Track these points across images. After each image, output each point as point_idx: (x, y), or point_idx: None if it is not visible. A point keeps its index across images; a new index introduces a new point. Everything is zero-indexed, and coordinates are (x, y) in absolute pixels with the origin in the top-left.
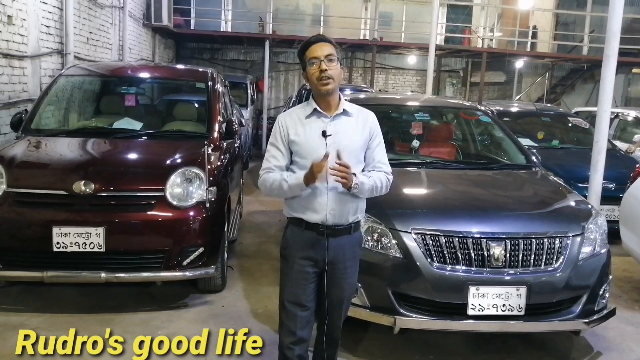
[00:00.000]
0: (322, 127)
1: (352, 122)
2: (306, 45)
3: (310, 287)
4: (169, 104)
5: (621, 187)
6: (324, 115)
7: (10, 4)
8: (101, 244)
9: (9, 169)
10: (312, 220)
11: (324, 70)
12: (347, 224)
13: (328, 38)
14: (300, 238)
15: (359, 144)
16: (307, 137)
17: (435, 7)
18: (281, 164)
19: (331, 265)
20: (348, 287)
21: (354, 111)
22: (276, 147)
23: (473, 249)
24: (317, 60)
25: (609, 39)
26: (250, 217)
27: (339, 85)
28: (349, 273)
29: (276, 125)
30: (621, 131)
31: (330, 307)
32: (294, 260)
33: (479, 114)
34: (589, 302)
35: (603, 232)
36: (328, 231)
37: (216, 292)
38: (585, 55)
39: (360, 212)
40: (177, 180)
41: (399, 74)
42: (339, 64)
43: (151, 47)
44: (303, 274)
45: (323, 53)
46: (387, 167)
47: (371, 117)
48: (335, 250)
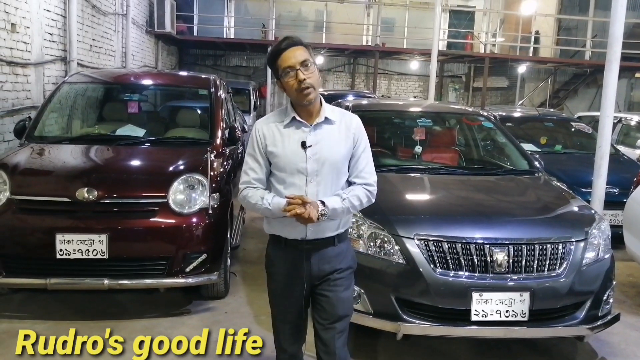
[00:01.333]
0: (302, 137)
1: (334, 130)
2: (276, 53)
3: (297, 306)
4: (171, 110)
5: (625, 192)
6: (303, 124)
7: (14, 12)
8: (104, 251)
9: (12, 177)
10: (291, 236)
11: (302, 80)
12: (330, 236)
13: (298, 40)
14: (280, 255)
15: (342, 154)
16: (286, 148)
17: (437, 13)
18: (260, 176)
19: (317, 280)
20: (341, 302)
21: (337, 117)
22: (254, 158)
23: (476, 254)
24: (292, 69)
25: (612, 43)
26: (253, 223)
27: (319, 89)
28: (340, 287)
29: (253, 134)
30: (624, 136)
31: (322, 328)
32: (278, 279)
33: (481, 120)
34: (593, 307)
35: (607, 237)
36: (308, 246)
37: (219, 298)
38: (588, 60)
39: (344, 226)
40: (180, 186)
41: (401, 80)
42: (315, 68)
43: (154, 53)
44: (287, 291)
45: (297, 60)
46: (371, 176)
47: (355, 122)
48: (319, 264)
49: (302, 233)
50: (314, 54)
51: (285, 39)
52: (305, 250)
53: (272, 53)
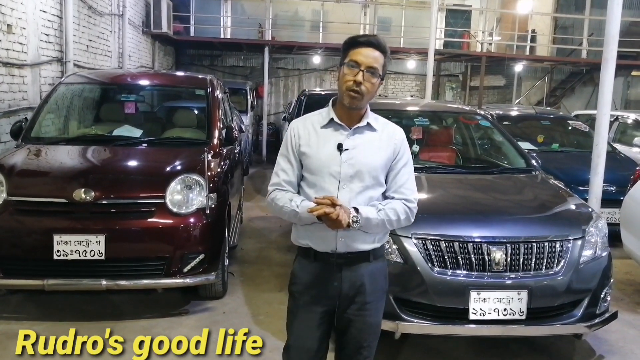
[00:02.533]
0: (340, 139)
1: (375, 137)
2: (356, 42)
3: (320, 332)
4: (168, 111)
5: (622, 190)
6: (342, 127)
7: (10, 13)
8: (102, 252)
9: (9, 178)
10: (320, 249)
11: (358, 83)
12: (363, 251)
13: (382, 44)
14: (308, 270)
15: (379, 164)
16: (320, 149)
17: (434, 12)
18: (291, 179)
19: (346, 300)
20: (368, 328)
21: (380, 126)
22: (286, 158)
23: (474, 253)
24: (356, 66)
25: (608, 42)
26: (250, 223)
27: (369, 100)
28: (369, 310)
29: (288, 133)
30: (621, 134)
31: (348, 354)
32: (301, 298)
33: (478, 118)
34: (590, 305)
35: (604, 235)
36: (340, 260)
37: (217, 298)
38: (585, 58)
39: (380, 241)
40: (177, 187)
41: (398, 79)
42: (379, 80)
43: (151, 54)
44: (312, 314)
45: (367, 62)
46: (412, 194)
47: (399, 134)
48: (350, 282)
49: (333, 245)
50: (386, 63)
51: (373, 36)
52: (336, 265)
53: (352, 39)
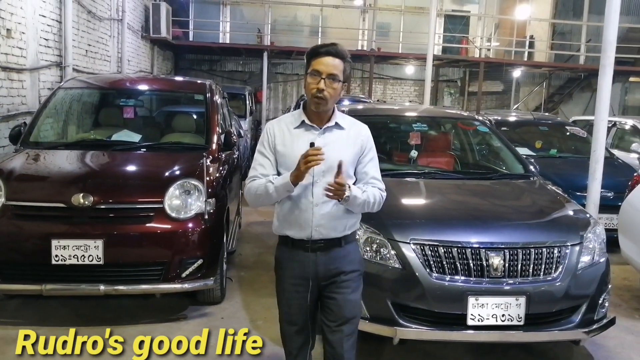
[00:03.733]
0: (311, 138)
1: (343, 135)
2: (316, 52)
3: (303, 307)
4: (167, 115)
5: (619, 196)
6: (313, 127)
7: (9, 18)
8: (100, 257)
9: (7, 182)
10: (297, 236)
11: (320, 89)
12: (336, 237)
13: (341, 52)
14: (287, 256)
15: (348, 158)
16: (294, 148)
17: (432, 18)
18: (268, 172)
19: (324, 280)
20: (348, 305)
21: (347, 124)
22: (263, 155)
23: (472, 259)
24: (318, 75)
25: (606, 48)
26: (249, 228)
27: (334, 102)
28: (348, 287)
29: (264, 132)
30: (619, 140)
31: (330, 330)
32: (285, 280)
33: (476, 124)
34: (588, 311)
35: (602, 241)
36: (314, 246)
37: (215, 303)
38: (582, 64)
39: (350, 228)
40: (176, 192)
41: (396, 84)
42: (340, 84)
43: (150, 59)
44: (295, 293)
45: (327, 70)
46: (381, 184)
47: (364, 131)
48: (326, 266)
49: (308, 233)
50: (347, 67)
51: (331, 44)
52: (311, 251)
53: (313, 49)
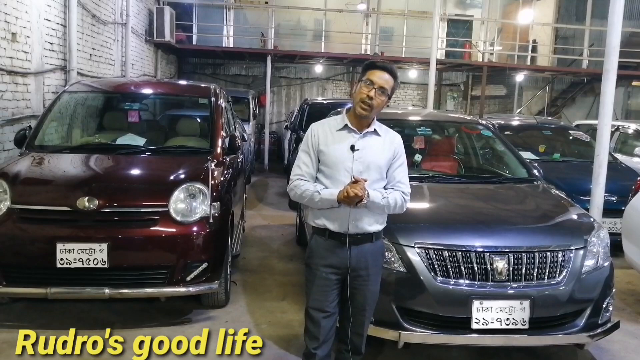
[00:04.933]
0: (352, 141)
1: (379, 141)
2: (375, 65)
3: (332, 294)
4: (171, 119)
5: (623, 200)
6: (354, 131)
7: (14, 22)
8: (105, 260)
9: (13, 186)
10: (334, 229)
11: (370, 98)
12: (368, 232)
13: (394, 71)
14: (323, 247)
15: (383, 162)
16: (336, 148)
17: (435, 22)
18: (311, 171)
19: (353, 272)
20: (370, 294)
21: (383, 132)
22: (307, 154)
23: (476, 263)
24: (372, 85)
25: (609, 53)
26: (253, 231)
27: (375, 113)
28: (371, 280)
29: (308, 132)
30: (622, 144)
31: (354, 313)
32: (318, 269)
33: (480, 128)
34: (592, 315)
35: (606, 245)
36: (350, 239)
37: (220, 307)
38: (585, 68)
39: (382, 223)
40: (181, 195)
41: (400, 88)
42: (387, 98)
43: (153, 62)
44: (326, 281)
45: (381, 83)
46: (406, 188)
47: (397, 139)
48: (357, 258)
49: (345, 226)
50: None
51: (389, 63)
52: (347, 243)
53: (372, 62)
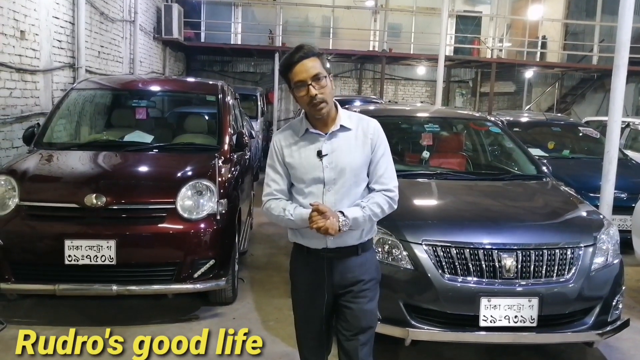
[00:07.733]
0: (318, 146)
1: (351, 137)
2: (288, 65)
3: (319, 314)
4: (179, 116)
5: (633, 197)
6: (318, 134)
7: (23, 20)
8: (113, 257)
9: (21, 183)
10: (313, 246)
11: (314, 96)
12: (352, 245)
13: (310, 51)
14: (303, 264)
15: (359, 162)
16: (302, 158)
17: (444, 18)
18: (282, 187)
19: (340, 290)
20: (363, 315)
21: (354, 123)
22: (274, 169)
23: (484, 260)
24: (303, 84)
25: (619, 48)
26: (260, 228)
27: (332, 100)
28: (364, 298)
29: (271, 146)
30: (632, 140)
31: (344, 338)
32: (301, 287)
33: (488, 125)
34: (602, 313)
35: (615, 242)
36: (330, 254)
37: (227, 304)
38: (595, 64)
39: (367, 234)
40: (188, 192)
41: (408, 85)
42: (327, 79)
43: (162, 60)
44: (310, 300)
45: (309, 74)
46: (391, 181)
47: (372, 126)
48: (342, 274)
49: (323, 242)
50: (323, 60)
51: (298, 50)
52: (327, 259)
53: (283, 64)
